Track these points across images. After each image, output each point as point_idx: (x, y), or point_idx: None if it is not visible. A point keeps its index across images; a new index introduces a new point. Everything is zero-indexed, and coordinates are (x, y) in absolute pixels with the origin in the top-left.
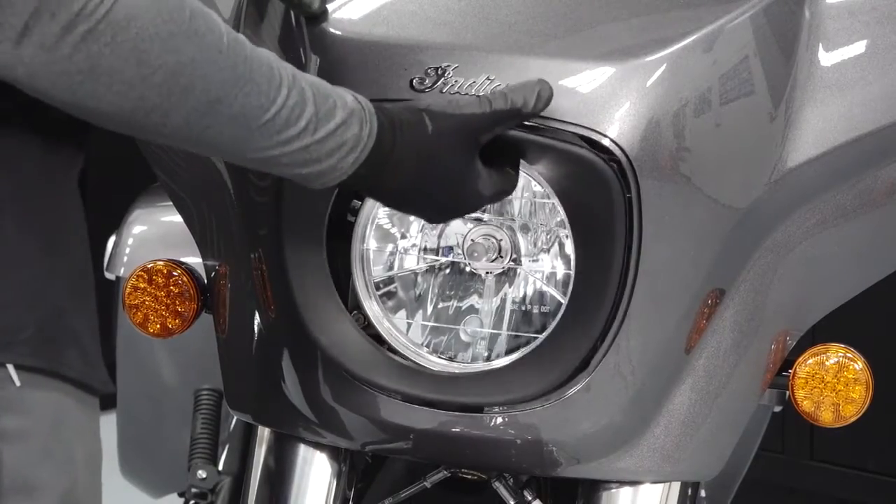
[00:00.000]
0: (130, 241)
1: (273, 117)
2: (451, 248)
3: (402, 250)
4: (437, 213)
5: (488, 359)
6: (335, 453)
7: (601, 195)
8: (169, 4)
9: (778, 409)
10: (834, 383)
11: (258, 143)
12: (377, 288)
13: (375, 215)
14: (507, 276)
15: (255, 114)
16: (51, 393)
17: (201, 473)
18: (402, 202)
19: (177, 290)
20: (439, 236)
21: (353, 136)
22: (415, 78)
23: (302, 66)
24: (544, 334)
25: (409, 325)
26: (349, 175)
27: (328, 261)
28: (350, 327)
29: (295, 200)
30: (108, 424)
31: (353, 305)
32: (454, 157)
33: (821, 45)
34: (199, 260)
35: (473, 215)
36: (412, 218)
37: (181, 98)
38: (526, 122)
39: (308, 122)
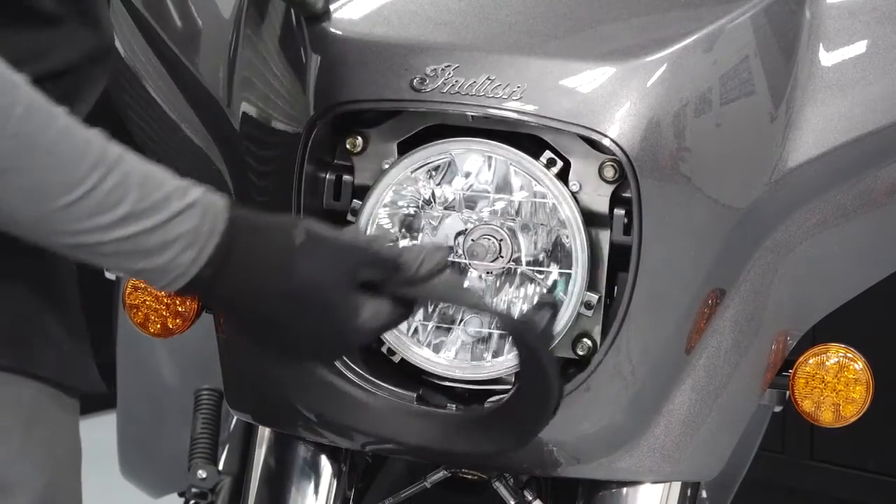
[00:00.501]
0: None
1: (81, 198)
2: (451, 248)
3: None
4: (304, 343)
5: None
6: (335, 453)
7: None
8: None
9: (778, 409)
10: (834, 383)
11: (67, 224)
12: None
13: (376, 215)
14: (507, 276)
15: (57, 191)
16: (23, 391)
17: (201, 473)
18: (257, 321)
19: None
20: (436, 237)
21: (189, 230)
22: (415, 78)
23: (302, 66)
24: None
25: (410, 325)
26: (191, 277)
27: None
28: None
29: (297, 200)
30: (108, 424)
31: None
32: (322, 280)
33: (821, 45)
34: None
35: (474, 216)
36: (412, 218)
37: None
38: (528, 122)
39: (131, 209)
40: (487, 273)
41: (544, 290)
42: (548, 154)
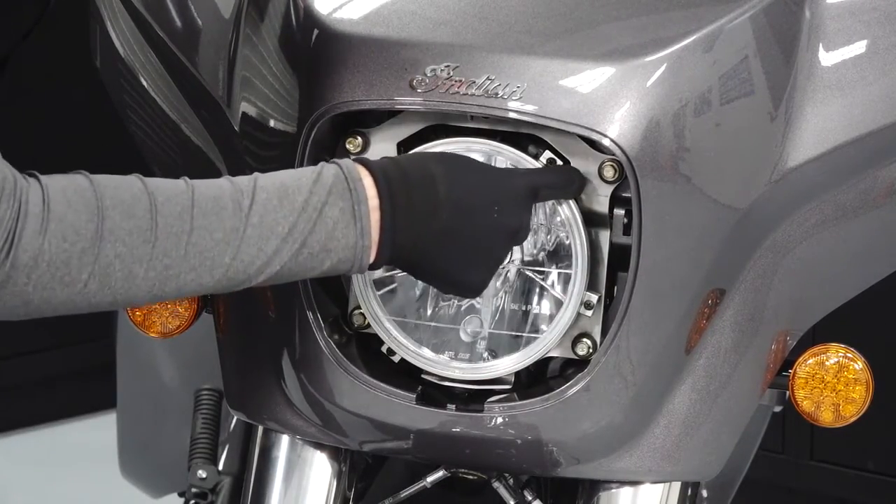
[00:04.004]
0: None
1: (241, 244)
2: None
3: None
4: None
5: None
6: (335, 453)
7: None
8: (75, 225)
9: (778, 409)
10: (834, 383)
11: (248, 268)
12: (377, 288)
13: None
14: (507, 276)
15: (220, 251)
16: None
17: (201, 473)
18: (450, 243)
19: None
20: None
21: (340, 211)
22: (415, 78)
23: (302, 67)
24: (548, 337)
25: (410, 325)
26: (374, 243)
27: None
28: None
29: None
30: (108, 424)
31: (354, 305)
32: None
33: (821, 45)
34: None
35: None
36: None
37: (127, 284)
38: (528, 122)
39: (286, 225)
40: None
41: (544, 290)
42: (548, 154)
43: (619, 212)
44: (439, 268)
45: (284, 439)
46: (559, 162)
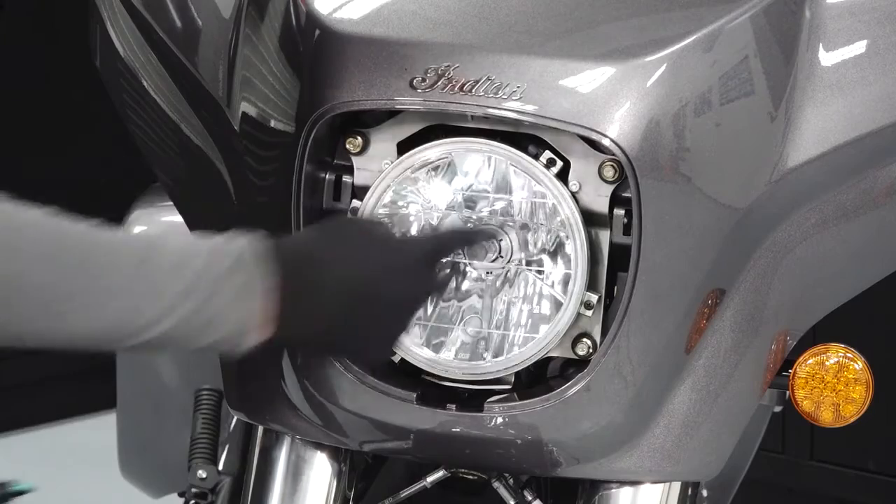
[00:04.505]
0: None
1: (124, 307)
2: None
3: None
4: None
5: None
6: (335, 453)
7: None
8: None
9: (778, 409)
10: (834, 383)
11: (126, 332)
12: None
13: (375, 215)
14: (507, 276)
15: (106, 297)
16: None
17: (201, 473)
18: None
19: None
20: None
21: (239, 285)
22: (415, 78)
23: (302, 67)
24: (548, 337)
25: (410, 324)
26: (259, 325)
27: None
28: None
29: (297, 200)
30: (108, 424)
31: None
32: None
33: (821, 45)
34: None
35: (473, 216)
36: (412, 218)
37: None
38: (528, 122)
39: (173, 295)
40: (487, 273)
41: (544, 291)
42: (547, 154)
43: (619, 212)
44: (332, 349)
45: (284, 439)
46: (559, 162)
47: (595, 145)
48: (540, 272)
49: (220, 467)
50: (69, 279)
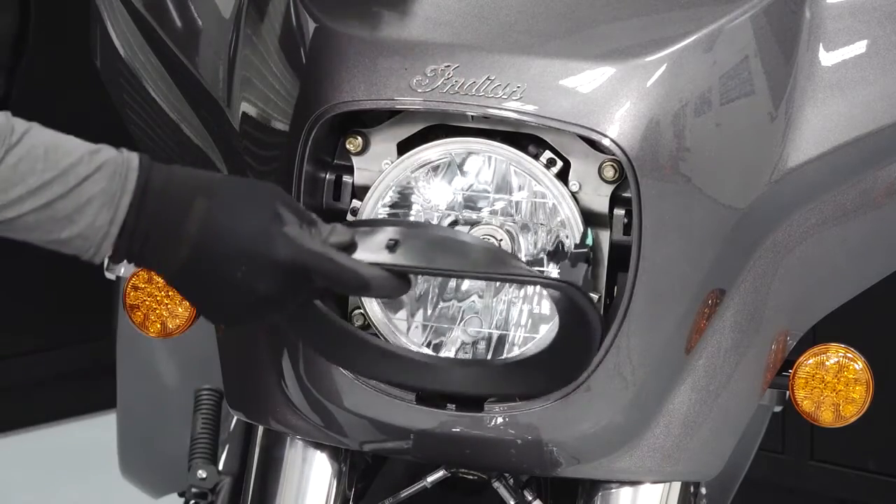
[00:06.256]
0: None
1: None
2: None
3: None
4: (212, 308)
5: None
6: (335, 453)
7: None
8: None
9: (778, 409)
10: (834, 383)
11: None
12: None
13: (376, 215)
14: None
15: None
16: None
17: (201, 473)
18: (188, 281)
19: None
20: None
21: (100, 191)
22: (415, 78)
23: (302, 66)
24: (548, 337)
25: (410, 325)
26: (115, 238)
27: None
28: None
29: (297, 199)
30: (108, 424)
31: (354, 305)
32: (220, 252)
33: (821, 45)
34: None
35: (473, 215)
36: (412, 218)
37: None
38: (528, 122)
39: (40, 179)
40: None
41: (577, 242)
42: (548, 154)
43: (619, 212)
44: (182, 291)
45: (284, 439)
46: (559, 162)
47: (595, 145)
48: (540, 272)
49: (220, 467)
50: None
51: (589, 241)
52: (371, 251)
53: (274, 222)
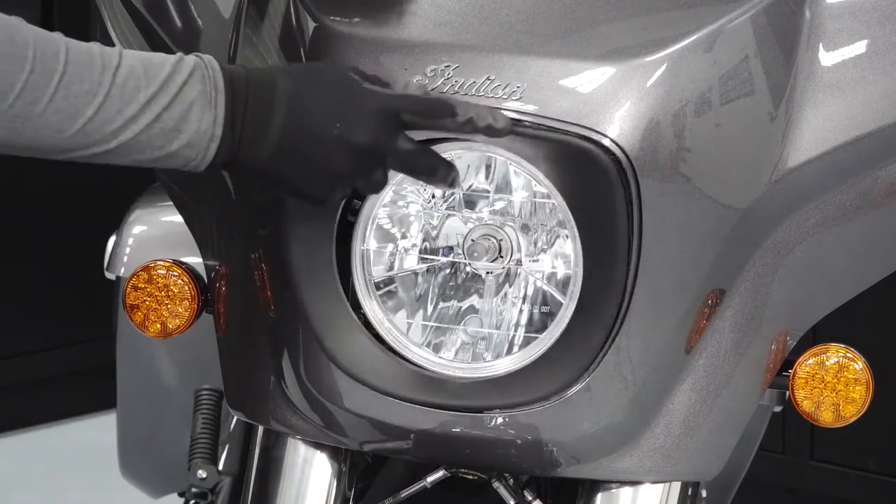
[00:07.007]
0: (130, 241)
1: (105, 100)
2: (451, 249)
3: (403, 250)
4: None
5: (490, 359)
6: (335, 453)
7: (605, 192)
8: None
9: (778, 409)
10: (834, 383)
11: (104, 128)
12: (377, 288)
13: (376, 215)
14: (507, 276)
15: (84, 101)
16: None
17: (201, 473)
18: (285, 157)
19: (177, 290)
20: (437, 237)
21: (198, 94)
22: (415, 78)
23: None
24: (548, 337)
25: (410, 325)
26: (220, 139)
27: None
28: (356, 328)
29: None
30: (108, 424)
31: (354, 306)
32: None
33: (821, 45)
34: (200, 260)
35: (473, 214)
36: (412, 218)
37: None
38: (530, 122)
39: (147, 93)
40: (488, 273)
41: (545, 291)
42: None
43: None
44: (278, 176)
45: (284, 439)
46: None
47: (595, 145)
48: (539, 272)
49: (220, 467)
50: (39, 81)
51: None
52: None
53: (352, 82)
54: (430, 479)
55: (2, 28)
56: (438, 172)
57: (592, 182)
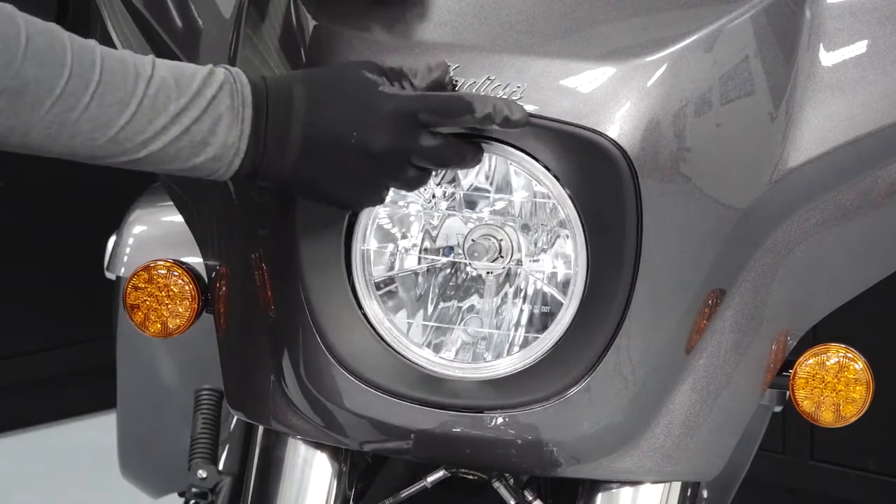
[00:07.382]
0: (130, 241)
1: (137, 109)
2: (451, 248)
3: (403, 250)
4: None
5: (489, 359)
6: (335, 453)
7: (615, 191)
8: (2, 34)
9: (778, 409)
10: (834, 383)
11: (135, 137)
12: (377, 288)
13: (376, 215)
14: (507, 276)
15: (117, 110)
16: None
17: (201, 473)
18: (307, 166)
19: (177, 290)
20: (437, 237)
21: (227, 108)
22: (415, 78)
23: (302, 67)
24: (548, 337)
25: (410, 325)
26: (244, 153)
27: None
28: (361, 325)
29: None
30: (108, 424)
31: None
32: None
33: (821, 45)
34: (200, 260)
35: (474, 214)
36: (412, 218)
37: (31, 115)
38: (530, 122)
39: (177, 105)
40: (488, 273)
41: (545, 291)
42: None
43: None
44: (304, 185)
45: (284, 439)
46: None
47: (595, 145)
48: (540, 272)
49: (220, 467)
50: (77, 88)
51: None
52: None
53: (368, 86)
54: (431, 479)
55: (42, 33)
56: (467, 158)
57: (603, 181)
